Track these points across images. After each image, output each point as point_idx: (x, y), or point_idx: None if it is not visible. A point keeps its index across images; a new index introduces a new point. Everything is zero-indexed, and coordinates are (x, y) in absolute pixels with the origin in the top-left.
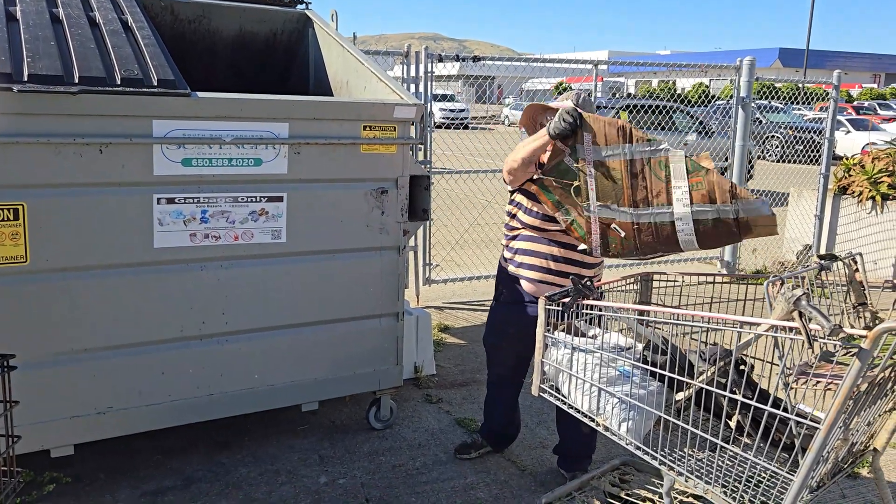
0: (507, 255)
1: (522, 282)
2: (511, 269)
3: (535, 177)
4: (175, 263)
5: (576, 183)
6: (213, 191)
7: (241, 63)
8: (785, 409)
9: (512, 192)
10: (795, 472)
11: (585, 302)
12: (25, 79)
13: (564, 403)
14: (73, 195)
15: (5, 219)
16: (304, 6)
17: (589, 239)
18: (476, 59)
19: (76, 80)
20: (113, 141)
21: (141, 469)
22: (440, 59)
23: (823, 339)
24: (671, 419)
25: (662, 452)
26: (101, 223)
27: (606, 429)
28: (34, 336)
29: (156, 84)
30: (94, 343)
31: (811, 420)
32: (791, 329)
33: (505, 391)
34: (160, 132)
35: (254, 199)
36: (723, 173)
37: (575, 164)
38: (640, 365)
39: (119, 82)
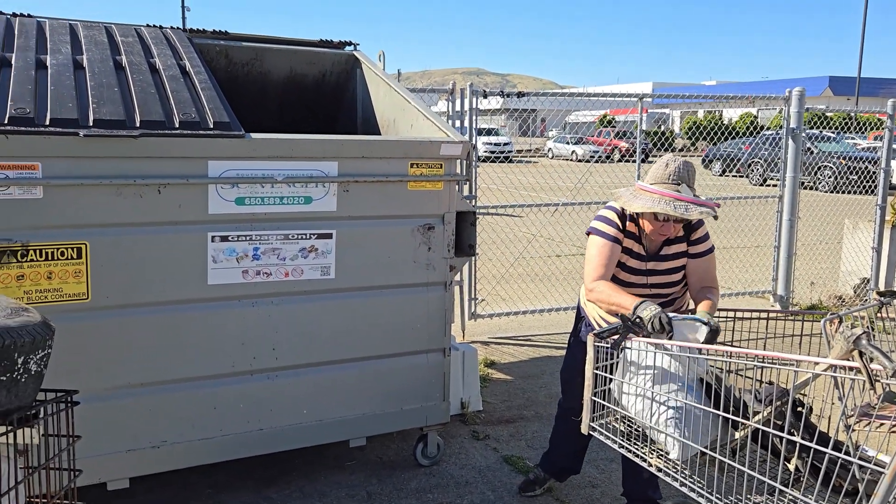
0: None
1: (600, 319)
2: (590, 305)
3: None
4: (227, 300)
5: None
6: (265, 228)
7: (291, 103)
8: (847, 453)
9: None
10: None
11: (637, 339)
12: (91, 123)
13: (615, 442)
14: (132, 234)
15: (69, 257)
16: (352, 48)
17: None
18: (521, 94)
19: (137, 124)
20: (171, 182)
21: (192, 502)
22: (485, 95)
23: (886, 379)
24: (726, 460)
25: (717, 495)
26: (158, 261)
27: (659, 469)
28: (94, 371)
29: (212, 126)
30: (150, 378)
31: (875, 464)
32: (851, 369)
33: (576, 425)
34: (215, 172)
35: (304, 237)
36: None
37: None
38: (695, 405)
39: (177, 125)
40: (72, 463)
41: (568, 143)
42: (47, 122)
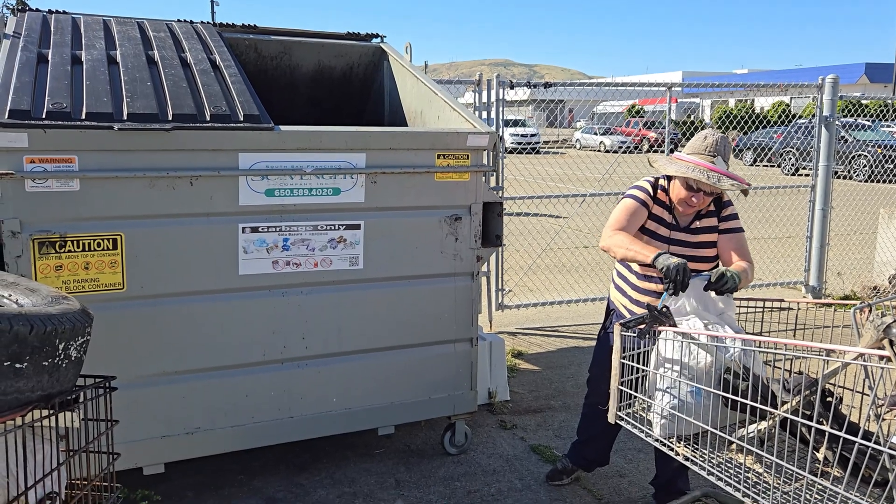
0: (617, 286)
1: (625, 310)
2: (619, 299)
3: None
4: (258, 290)
5: None
6: (295, 219)
7: (319, 96)
8: (877, 443)
9: None
10: None
11: (665, 329)
12: (125, 117)
13: (642, 432)
14: (165, 226)
15: (105, 248)
16: (378, 40)
17: None
18: (548, 85)
19: (170, 118)
20: (202, 174)
21: (225, 488)
22: (511, 86)
23: None
24: (754, 449)
25: (746, 484)
26: (191, 252)
27: (686, 458)
28: (129, 359)
29: (242, 119)
30: (184, 366)
31: None
32: (881, 357)
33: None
34: (245, 164)
35: (333, 228)
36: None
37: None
38: (719, 392)
39: (209, 119)
40: (111, 446)
41: (596, 133)
42: (83, 117)
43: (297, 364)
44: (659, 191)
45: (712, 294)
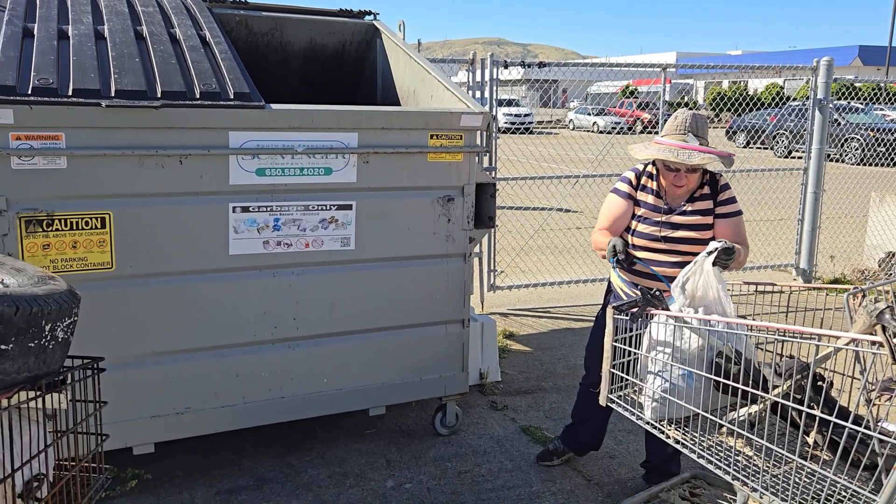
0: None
1: (624, 295)
2: (614, 276)
3: None
4: (249, 270)
5: None
6: (286, 199)
7: (311, 74)
8: (867, 427)
9: None
10: (877, 492)
11: (657, 312)
12: (112, 94)
13: (633, 414)
14: (154, 205)
15: (93, 227)
16: (372, 17)
17: None
18: (542, 65)
19: (159, 95)
20: (192, 152)
21: (216, 468)
22: (505, 66)
23: None
24: (744, 432)
25: (735, 467)
26: (180, 231)
27: (677, 441)
28: (118, 339)
29: (232, 97)
30: (174, 346)
31: None
32: (874, 343)
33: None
34: (236, 143)
35: (324, 208)
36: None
37: None
38: (710, 376)
39: (198, 96)
40: (99, 427)
41: (589, 114)
42: (70, 93)
43: (288, 345)
44: (644, 178)
45: (713, 278)
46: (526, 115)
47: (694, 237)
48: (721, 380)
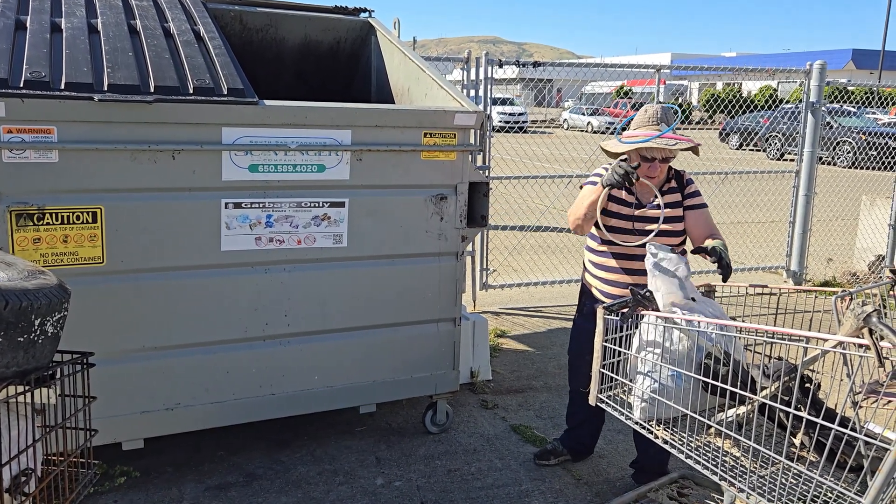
0: (589, 268)
1: (602, 295)
2: (592, 281)
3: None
4: (240, 266)
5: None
6: (278, 196)
7: (305, 70)
8: (853, 429)
9: None
10: (862, 493)
11: (646, 313)
12: (105, 88)
13: (622, 414)
14: (146, 199)
15: (84, 221)
16: (367, 14)
17: None
18: (536, 64)
19: (152, 90)
20: (185, 148)
21: (205, 464)
22: (500, 65)
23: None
24: (732, 433)
25: (723, 467)
26: (172, 226)
27: (665, 441)
28: (109, 334)
29: (226, 93)
30: (164, 342)
31: (881, 441)
32: (861, 346)
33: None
34: (229, 139)
35: (317, 205)
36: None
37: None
38: (698, 377)
39: (191, 91)
40: (88, 423)
41: (584, 114)
42: (62, 87)
43: (279, 341)
44: None
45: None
46: (520, 115)
47: (666, 229)
48: (709, 381)
